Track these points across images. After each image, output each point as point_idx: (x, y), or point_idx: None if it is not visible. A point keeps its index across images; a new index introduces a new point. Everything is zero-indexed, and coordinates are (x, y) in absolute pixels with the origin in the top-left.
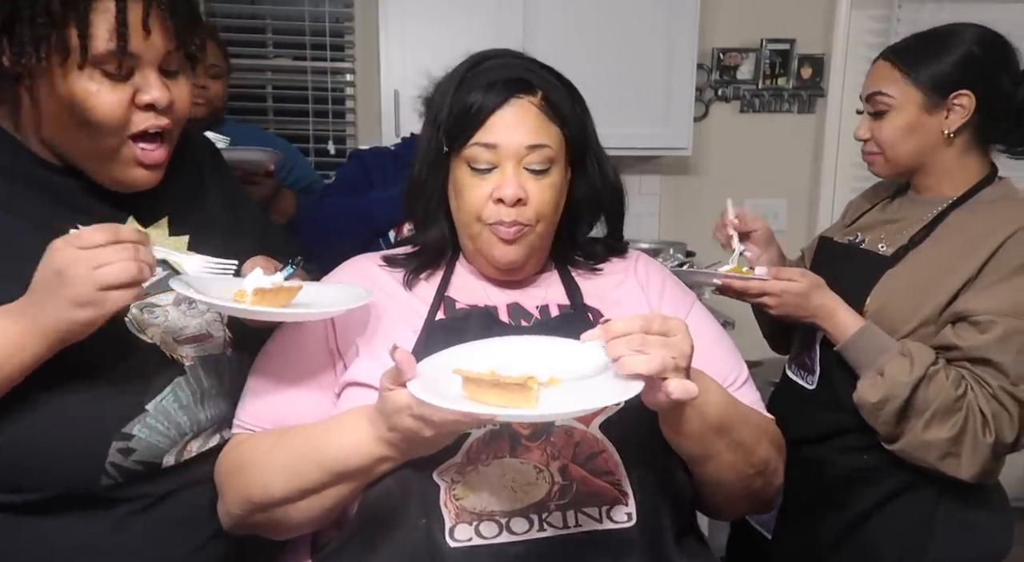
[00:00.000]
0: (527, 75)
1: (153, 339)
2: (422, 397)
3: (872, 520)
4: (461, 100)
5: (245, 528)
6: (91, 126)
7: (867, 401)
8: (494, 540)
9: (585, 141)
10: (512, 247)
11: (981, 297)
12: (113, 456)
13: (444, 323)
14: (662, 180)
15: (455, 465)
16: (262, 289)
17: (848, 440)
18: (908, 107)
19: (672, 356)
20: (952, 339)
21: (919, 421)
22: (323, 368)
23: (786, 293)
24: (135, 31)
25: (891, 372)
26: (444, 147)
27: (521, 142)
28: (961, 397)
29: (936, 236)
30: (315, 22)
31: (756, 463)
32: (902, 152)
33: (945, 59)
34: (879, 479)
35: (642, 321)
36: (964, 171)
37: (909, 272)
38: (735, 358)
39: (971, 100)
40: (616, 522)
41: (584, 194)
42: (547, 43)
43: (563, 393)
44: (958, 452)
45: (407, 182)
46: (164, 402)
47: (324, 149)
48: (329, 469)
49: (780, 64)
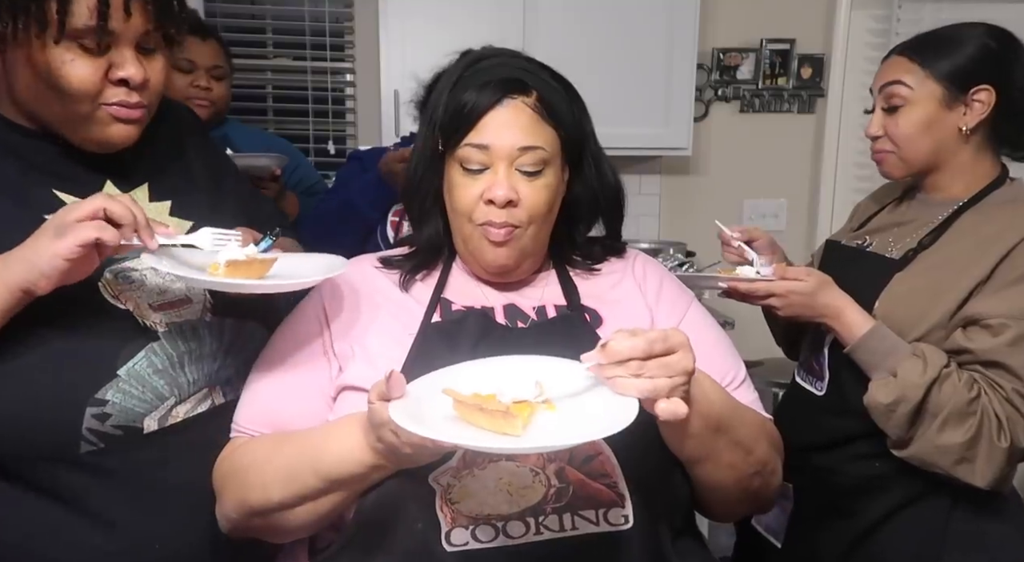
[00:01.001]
0: (522, 75)
1: (127, 305)
2: (395, 418)
3: (883, 529)
4: (456, 99)
5: (243, 532)
6: (63, 94)
7: (879, 403)
8: (490, 544)
9: (582, 141)
10: (503, 250)
11: (993, 300)
12: (89, 421)
13: (440, 325)
14: (662, 180)
15: (451, 469)
16: (235, 261)
17: (858, 447)
18: (926, 101)
19: (669, 377)
20: (963, 342)
21: (932, 424)
22: (319, 371)
23: (792, 293)
24: (115, 10)
25: (904, 373)
26: (439, 146)
27: (513, 144)
28: (975, 399)
29: (946, 239)
30: (315, 22)
31: (754, 463)
32: (918, 150)
33: (961, 53)
34: (890, 487)
35: (645, 344)
36: (976, 171)
37: (918, 275)
38: (733, 358)
39: (991, 95)
40: (613, 525)
41: (581, 194)
42: (547, 43)
43: (557, 417)
44: (973, 457)
45: (404, 181)
46: (137, 367)
47: (324, 149)
48: (325, 476)
49: (780, 64)
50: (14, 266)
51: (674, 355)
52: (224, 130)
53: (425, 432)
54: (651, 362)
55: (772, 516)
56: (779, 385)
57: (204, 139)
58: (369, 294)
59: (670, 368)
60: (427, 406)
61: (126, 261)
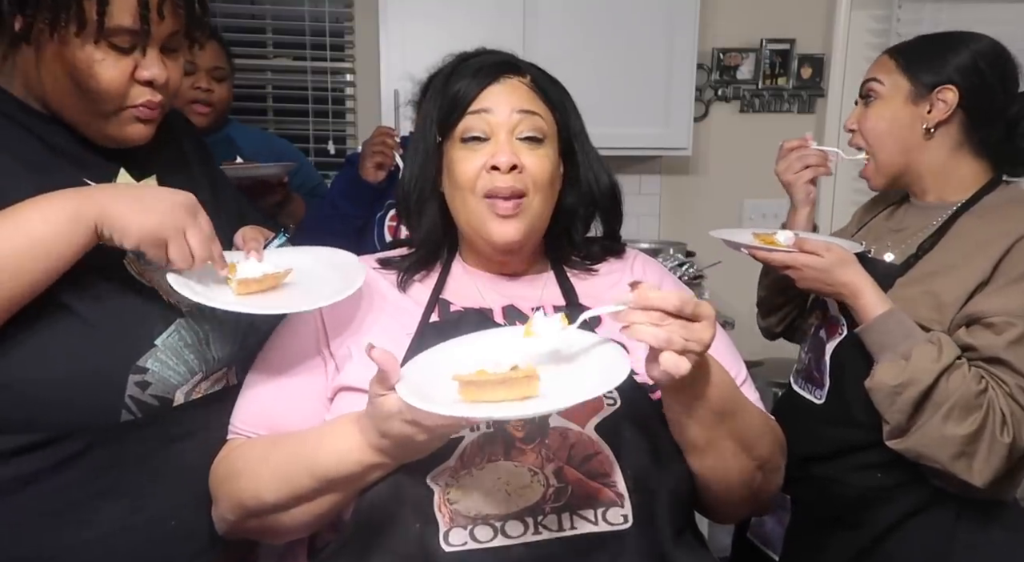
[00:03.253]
0: (515, 61)
1: (152, 284)
2: (413, 403)
3: (888, 542)
4: (450, 89)
5: (239, 533)
6: (90, 92)
7: (885, 384)
8: (489, 544)
9: (575, 133)
10: (511, 223)
11: (995, 299)
12: (131, 389)
13: (438, 325)
14: (662, 180)
15: (449, 469)
16: (247, 280)
17: (861, 458)
18: (895, 97)
19: (685, 338)
20: (967, 340)
21: (936, 414)
22: (315, 372)
23: (807, 268)
24: (152, 12)
25: (917, 357)
26: (437, 137)
27: (512, 107)
28: (982, 393)
29: (944, 243)
30: (315, 22)
31: (758, 457)
32: (885, 149)
33: (941, 58)
34: (894, 498)
35: (677, 301)
36: (959, 173)
37: (920, 280)
38: (734, 357)
39: (955, 95)
40: (612, 524)
41: (577, 193)
42: (547, 43)
43: (556, 382)
44: (973, 452)
45: (400, 180)
46: (170, 339)
47: (324, 149)
48: (320, 477)
49: (780, 64)
50: (107, 212)
51: (698, 323)
52: (227, 131)
53: (453, 410)
54: (674, 321)
55: (768, 527)
56: (779, 385)
57: (201, 145)
58: (367, 295)
59: (690, 331)
60: (432, 390)
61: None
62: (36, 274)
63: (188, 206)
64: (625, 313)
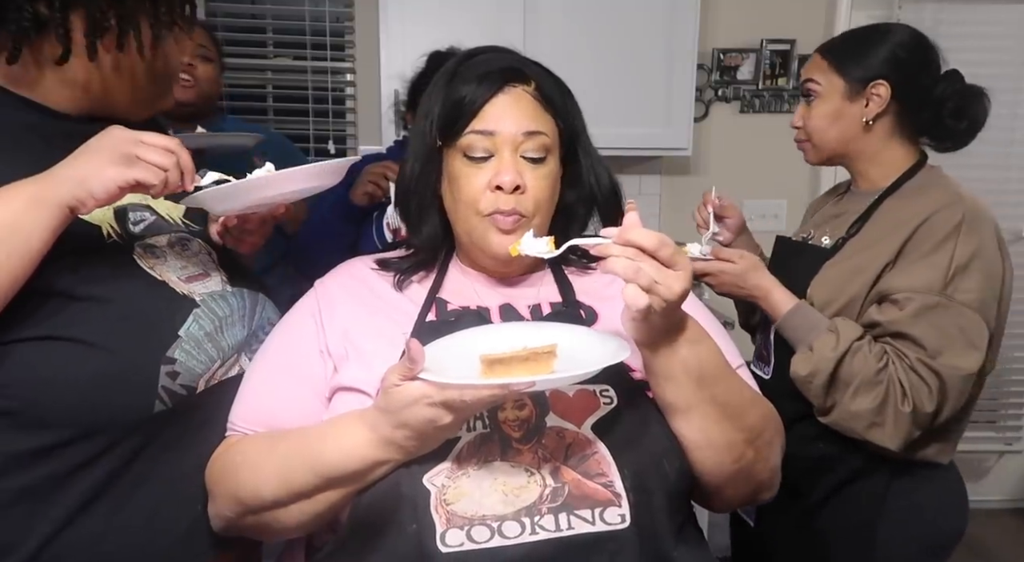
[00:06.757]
0: (520, 65)
1: (162, 277)
2: (448, 381)
3: (827, 506)
4: (454, 92)
5: (236, 530)
6: (167, 78)
7: (799, 374)
8: (486, 545)
9: (577, 135)
10: (510, 237)
11: (899, 276)
12: (163, 380)
13: (435, 325)
14: (662, 180)
15: (445, 470)
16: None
17: (803, 429)
18: (833, 95)
19: (654, 278)
20: (875, 316)
21: (846, 393)
22: (314, 371)
23: (723, 273)
24: None
25: (818, 347)
26: (437, 141)
27: (518, 129)
28: (882, 369)
29: (868, 226)
30: (315, 22)
31: (745, 428)
32: (827, 138)
33: (869, 54)
34: (834, 467)
35: (656, 240)
36: (890, 159)
37: (843, 261)
38: (731, 347)
39: (887, 89)
40: (609, 524)
41: (577, 193)
42: (547, 43)
43: (565, 363)
44: (882, 422)
45: (401, 173)
46: (191, 329)
47: (324, 149)
48: (322, 473)
49: (780, 64)
50: (64, 184)
51: (672, 270)
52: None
53: (491, 381)
54: (649, 259)
55: None
56: None
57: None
58: (364, 295)
59: (661, 274)
60: (453, 372)
61: (148, 238)
62: (5, 258)
63: (122, 134)
64: (605, 246)
